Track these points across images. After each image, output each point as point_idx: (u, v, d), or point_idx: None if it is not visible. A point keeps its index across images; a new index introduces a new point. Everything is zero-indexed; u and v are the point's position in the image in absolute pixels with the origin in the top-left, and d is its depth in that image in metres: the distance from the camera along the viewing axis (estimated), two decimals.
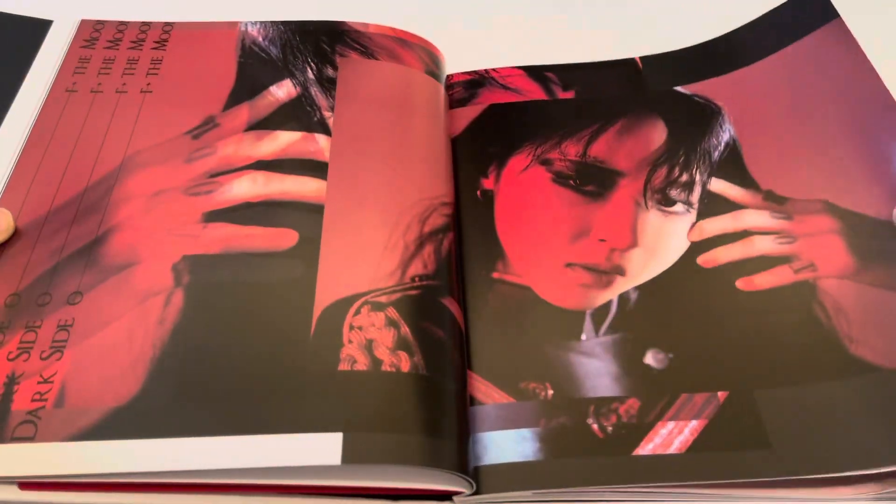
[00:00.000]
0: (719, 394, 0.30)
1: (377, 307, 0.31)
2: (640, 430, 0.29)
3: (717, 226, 0.35)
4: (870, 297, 0.32)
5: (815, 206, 0.35)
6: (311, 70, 0.40)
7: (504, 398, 0.31)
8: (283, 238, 0.33)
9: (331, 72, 0.39)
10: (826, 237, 0.34)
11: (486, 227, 0.36)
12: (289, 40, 0.41)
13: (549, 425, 0.30)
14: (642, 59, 0.43)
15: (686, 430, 0.29)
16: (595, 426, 0.30)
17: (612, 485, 0.28)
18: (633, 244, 0.35)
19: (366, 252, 0.32)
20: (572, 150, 0.38)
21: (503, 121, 0.40)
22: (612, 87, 0.42)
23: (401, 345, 0.30)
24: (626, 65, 0.43)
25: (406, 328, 0.30)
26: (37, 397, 0.28)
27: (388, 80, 0.40)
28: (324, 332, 0.30)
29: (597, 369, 0.31)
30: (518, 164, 0.38)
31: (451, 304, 0.32)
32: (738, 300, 0.33)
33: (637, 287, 0.34)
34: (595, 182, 0.37)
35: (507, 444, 0.29)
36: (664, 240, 0.35)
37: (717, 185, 0.37)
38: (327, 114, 0.38)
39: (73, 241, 0.32)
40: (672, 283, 0.34)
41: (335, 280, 0.31)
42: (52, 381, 0.28)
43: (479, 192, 0.37)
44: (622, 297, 0.33)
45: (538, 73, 0.43)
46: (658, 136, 0.39)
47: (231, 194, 0.34)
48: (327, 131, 0.37)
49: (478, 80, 0.43)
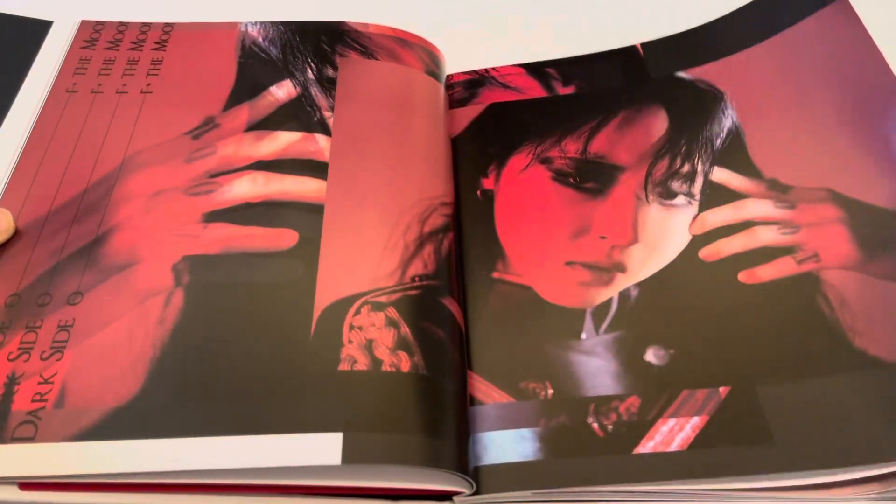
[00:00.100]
0: (721, 389, 0.30)
1: (377, 307, 0.31)
2: (641, 428, 0.29)
3: (719, 217, 0.35)
4: (875, 288, 0.31)
5: (819, 194, 0.34)
6: (311, 70, 0.40)
7: (504, 398, 0.31)
8: (283, 238, 0.33)
9: (331, 72, 0.39)
10: (830, 227, 0.33)
11: (486, 226, 0.36)
12: (289, 40, 0.41)
13: (549, 425, 0.30)
14: (643, 45, 0.43)
15: (687, 427, 0.29)
16: (595, 425, 0.29)
17: (613, 484, 0.28)
18: (634, 240, 0.35)
19: (366, 252, 0.32)
20: (572, 147, 0.38)
21: (503, 120, 0.40)
22: (613, 78, 0.41)
23: (401, 345, 0.30)
24: (627, 53, 0.42)
25: (406, 328, 0.30)
26: (37, 398, 0.28)
27: (388, 81, 0.40)
28: (324, 332, 0.30)
29: (597, 368, 0.31)
30: (518, 163, 0.38)
31: (451, 304, 0.32)
32: (740, 293, 0.32)
33: (638, 284, 0.33)
34: (595, 179, 0.37)
35: (507, 444, 0.29)
36: (665, 234, 0.35)
37: (720, 174, 0.36)
38: (327, 114, 0.38)
39: (74, 242, 0.32)
40: (673, 279, 0.33)
41: (335, 280, 0.31)
42: (52, 382, 0.28)
43: (479, 192, 0.37)
44: (623, 295, 0.33)
45: (538, 69, 0.42)
46: (659, 125, 0.38)
47: (231, 194, 0.34)
48: (327, 131, 0.37)
49: (478, 80, 0.42)
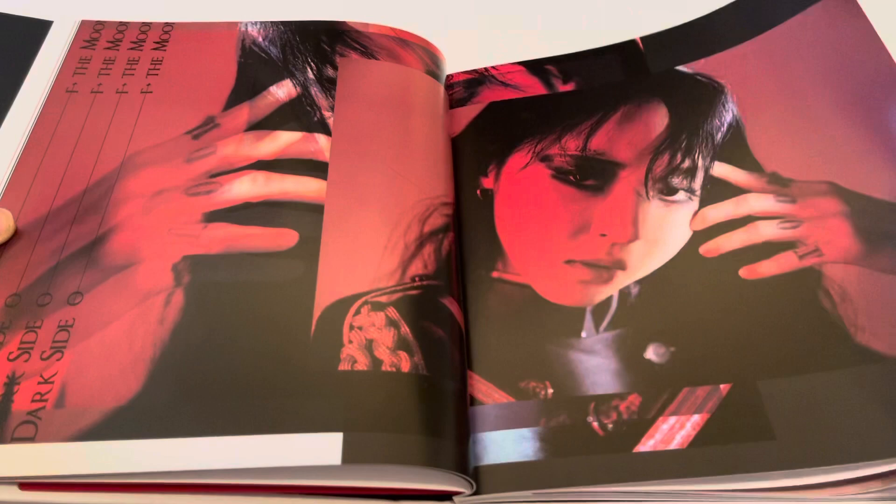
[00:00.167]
0: (722, 386, 0.29)
1: (377, 307, 0.31)
2: (641, 426, 0.29)
3: (719, 213, 0.34)
4: (877, 283, 0.31)
5: (820, 187, 0.34)
6: (311, 70, 0.39)
7: (504, 398, 0.31)
8: (284, 238, 0.33)
9: (331, 72, 0.39)
10: (832, 220, 0.33)
11: (486, 226, 0.36)
12: (289, 40, 0.41)
13: (550, 424, 0.29)
14: (643, 38, 0.42)
15: (688, 425, 0.29)
16: (595, 424, 0.29)
17: (613, 483, 0.28)
18: (635, 237, 0.34)
19: (366, 252, 0.32)
20: (572, 144, 0.38)
21: (503, 119, 0.40)
22: (613, 74, 0.41)
23: (401, 345, 0.30)
24: (627, 47, 0.42)
25: (406, 328, 0.30)
26: (37, 397, 0.28)
27: (387, 80, 0.39)
28: (324, 332, 0.30)
29: (597, 366, 0.31)
30: (518, 161, 0.38)
31: (451, 303, 0.32)
32: (741, 289, 0.32)
33: (638, 281, 0.33)
34: (595, 176, 0.37)
35: (507, 444, 0.29)
36: (666, 231, 0.34)
37: (720, 169, 0.36)
38: (327, 114, 0.38)
39: (74, 242, 0.32)
40: (674, 275, 0.33)
41: (335, 280, 0.31)
42: (52, 382, 0.28)
43: (478, 192, 0.37)
44: (623, 292, 0.33)
45: (538, 67, 0.42)
46: (660, 121, 0.38)
47: (231, 194, 0.34)
48: (327, 131, 0.37)
49: (478, 79, 0.42)
